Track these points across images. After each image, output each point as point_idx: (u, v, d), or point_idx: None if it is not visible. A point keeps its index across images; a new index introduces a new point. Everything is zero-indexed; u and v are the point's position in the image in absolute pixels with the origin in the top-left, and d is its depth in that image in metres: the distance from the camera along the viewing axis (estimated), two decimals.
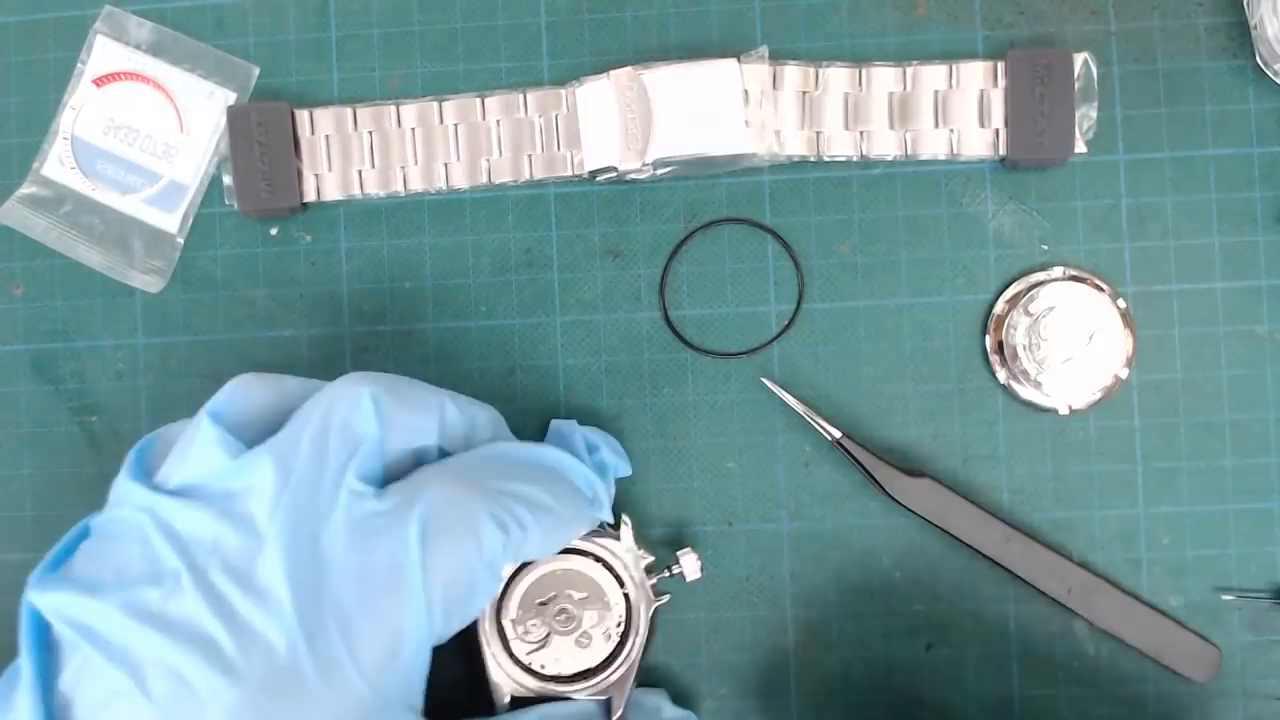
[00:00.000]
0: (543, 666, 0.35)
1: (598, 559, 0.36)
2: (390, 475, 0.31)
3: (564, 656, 0.35)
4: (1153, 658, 0.37)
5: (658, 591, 0.36)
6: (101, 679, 0.28)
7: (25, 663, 0.29)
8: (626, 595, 0.36)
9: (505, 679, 0.35)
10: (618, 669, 0.35)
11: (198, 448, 0.30)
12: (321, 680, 0.28)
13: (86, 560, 0.30)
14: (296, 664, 0.28)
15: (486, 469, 0.32)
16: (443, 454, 0.33)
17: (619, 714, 0.36)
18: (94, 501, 0.32)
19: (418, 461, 0.32)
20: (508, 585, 0.36)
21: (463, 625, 0.31)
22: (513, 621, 0.35)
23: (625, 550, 0.36)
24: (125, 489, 0.30)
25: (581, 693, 0.35)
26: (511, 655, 0.35)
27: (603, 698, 0.36)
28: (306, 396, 0.32)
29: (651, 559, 0.36)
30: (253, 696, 0.27)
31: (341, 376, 0.32)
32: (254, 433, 0.31)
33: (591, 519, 0.35)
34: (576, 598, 0.36)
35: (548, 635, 0.35)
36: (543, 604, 0.36)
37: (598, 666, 0.36)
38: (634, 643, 0.36)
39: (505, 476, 0.32)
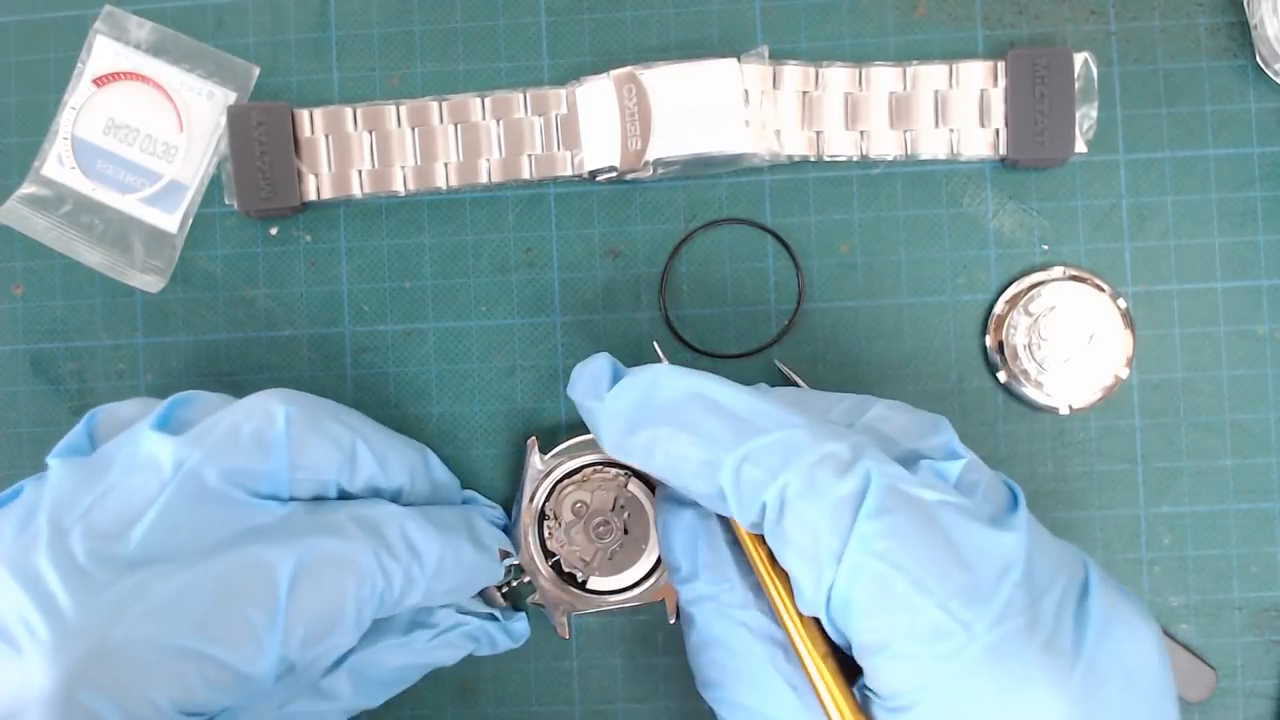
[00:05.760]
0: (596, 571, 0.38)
1: (620, 468, 0.38)
2: (292, 496, 0.32)
3: (617, 564, 0.38)
4: None
5: None
6: None
7: None
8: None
9: (566, 596, 0.38)
10: (661, 575, 0.38)
11: (147, 417, 0.31)
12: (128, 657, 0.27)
13: None
14: (88, 631, 0.27)
15: (390, 513, 0.33)
16: (343, 494, 0.33)
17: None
18: None
19: (318, 490, 0.32)
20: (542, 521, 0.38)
21: (319, 658, 0.31)
22: (561, 545, 0.38)
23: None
24: (51, 461, 0.31)
25: (638, 597, 0.38)
26: (562, 575, 0.38)
27: (657, 599, 0.38)
28: None
29: None
30: (59, 658, 0.27)
31: (266, 390, 0.32)
32: None
33: (493, 573, 0.36)
34: (610, 509, 0.38)
35: (595, 553, 0.38)
36: (576, 519, 0.38)
37: (648, 574, 0.38)
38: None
39: (410, 521, 0.32)
